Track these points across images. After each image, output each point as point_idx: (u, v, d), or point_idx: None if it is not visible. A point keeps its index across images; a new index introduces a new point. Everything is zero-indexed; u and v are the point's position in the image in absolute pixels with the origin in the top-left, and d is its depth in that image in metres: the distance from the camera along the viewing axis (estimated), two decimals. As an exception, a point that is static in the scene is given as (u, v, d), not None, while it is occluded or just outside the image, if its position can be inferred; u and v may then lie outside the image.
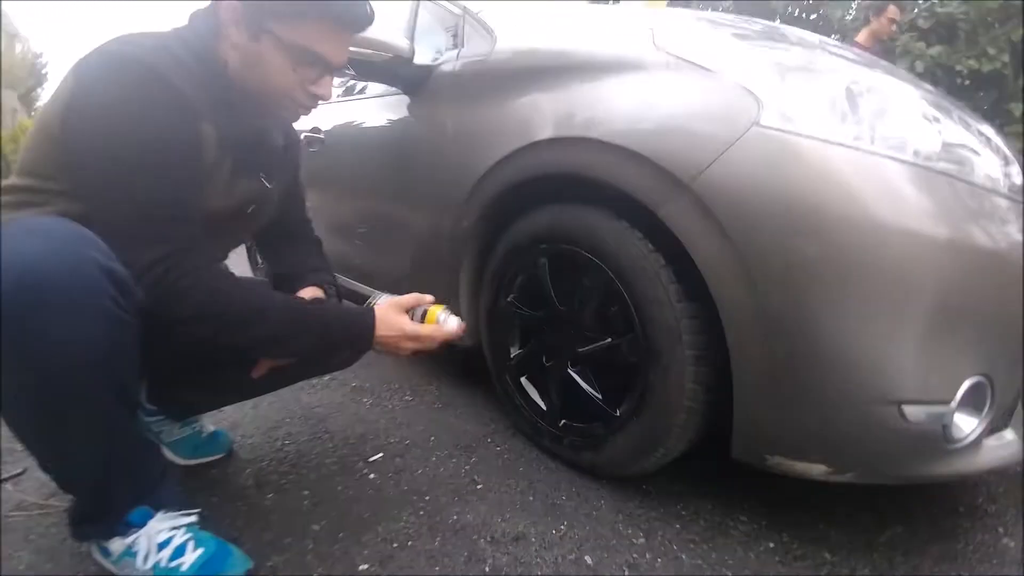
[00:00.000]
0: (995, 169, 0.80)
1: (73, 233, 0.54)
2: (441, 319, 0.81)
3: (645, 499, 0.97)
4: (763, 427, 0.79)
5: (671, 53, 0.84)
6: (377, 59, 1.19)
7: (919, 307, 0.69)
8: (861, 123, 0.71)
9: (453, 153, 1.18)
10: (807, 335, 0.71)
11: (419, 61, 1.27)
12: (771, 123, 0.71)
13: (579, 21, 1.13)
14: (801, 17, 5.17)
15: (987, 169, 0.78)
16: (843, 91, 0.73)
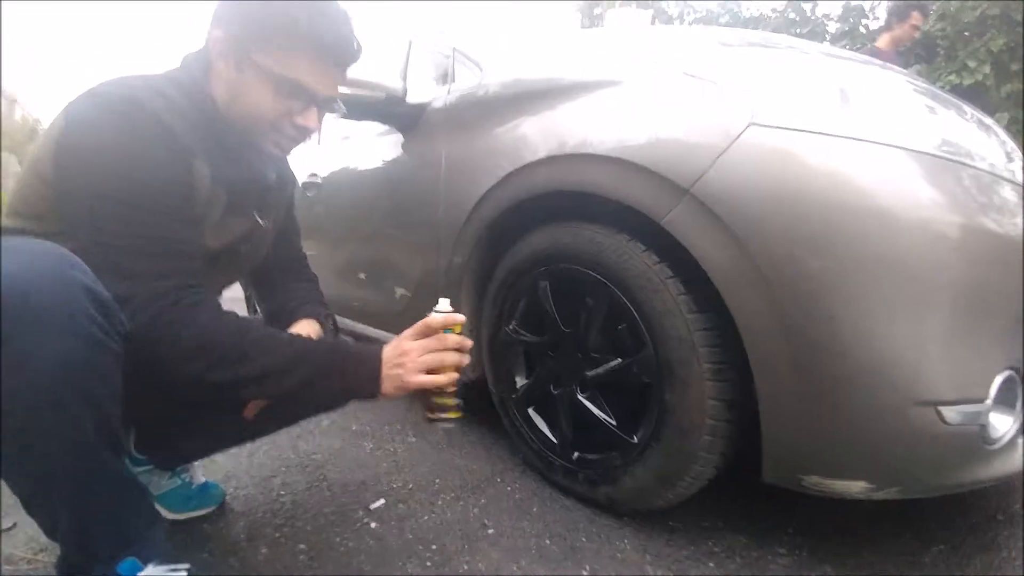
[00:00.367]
0: (1000, 157, 0.77)
1: (58, 254, 0.53)
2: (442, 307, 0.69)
3: (673, 536, 0.89)
4: (795, 445, 0.72)
5: (661, 65, 0.85)
6: (372, 99, 1.22)
7: (943, 301, 0.66)
8: (861, 115, 0.70)
9: (448, 185, 1.18)
10: (832, 339, 0.66)
11: (412, 100, 1.29)
12: (769, 121, 0.70)
13: (568, 45, 1.16)
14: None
15: (992, 157, 0.76)
16: (840, 85, 0.72)
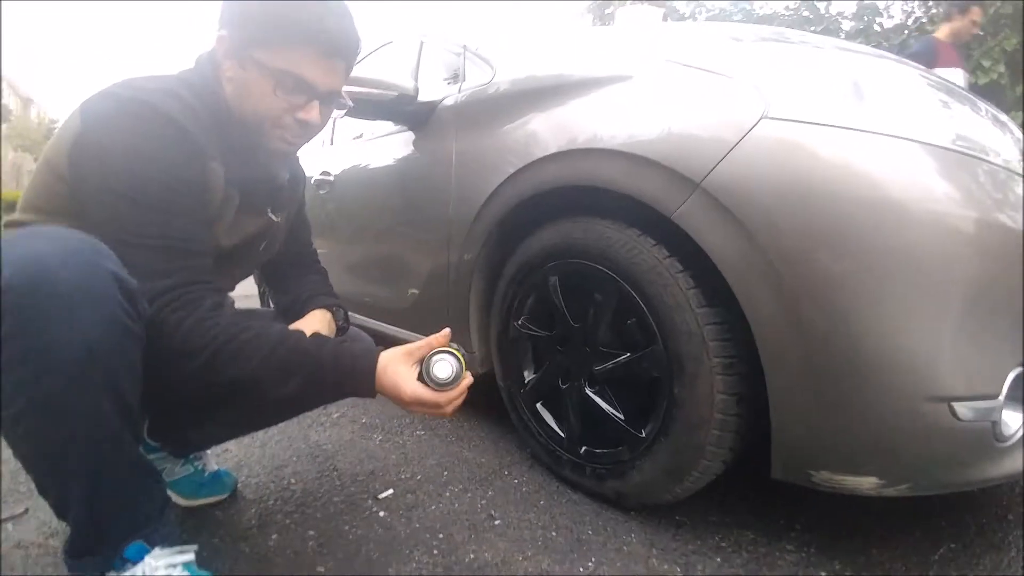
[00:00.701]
0: (1015, 153, 0.76)
1: (87, 241, 0.54)
2: (442, 374, 0.65)
3: (680, 531, 0.89)
4: (805, 440, 0.72)
5: (671, 60, 0.85)
6: (384, 98, 1.23)
7: (956, 296, 0.65)
8: (874, 108, 0.69)
9: (458, 182, 1.19)
10: (844, 333, 0.66)
11: (423, 98, 1.30)
12: (781, 114, 0.70)
13: (578, 41, 1.16)
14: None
15: (1007, 153, 0.75)
16: (852, 78, 0.72)
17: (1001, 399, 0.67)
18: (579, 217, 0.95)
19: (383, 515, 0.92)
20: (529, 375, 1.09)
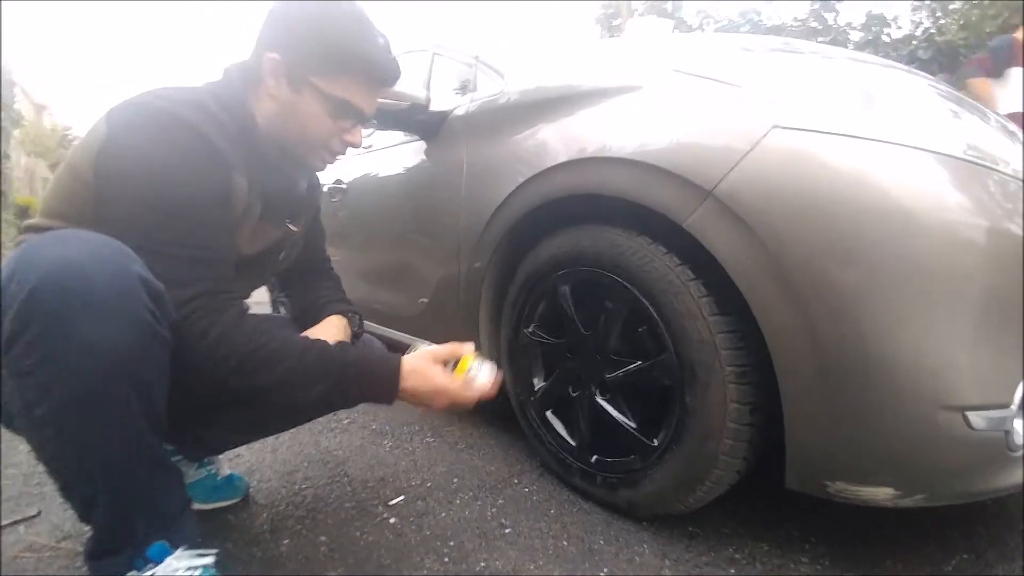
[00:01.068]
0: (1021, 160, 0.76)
1: (116, 246, 0.56)
2: (474, 369, 0.71)
3: (692, 541, 0.88)
4: (820, 450, 0.71)
5: (682, 70, 0.86)
6: (396, 108, 1.25)
7: (969, 304, 0.65)
8: (885, 117, 0.70)
9: (469, 191, 1.20)
10: (857, 342, 0.65)
11: (435, 108, 1.32)
12: (793, 123, 0.70)
13: (588, 52, 1.18)
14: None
15: (1016, 162, 0.75)
16: (863, 88, 0.72)
17: (1014, 408, 0.66)
18: (589, 225, 0.96)
19: (394, 522, 0.92)
20: (539, 383, 1.09)
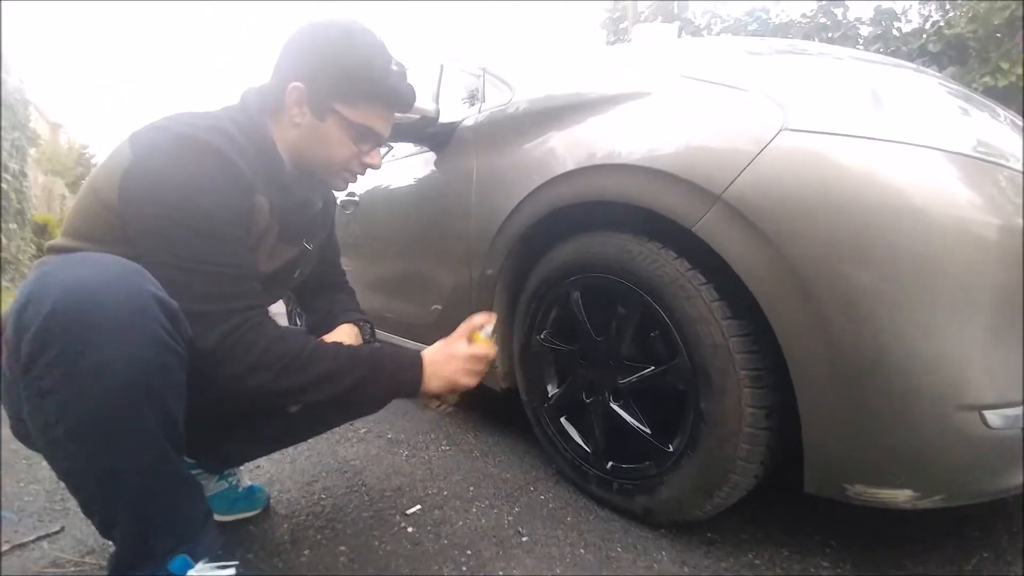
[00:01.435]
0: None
1: (129, 266, 0.58)
2: (485, 334, 0.82)
3: (711, 548, 0.87)
4: (838, 453, 0.70)
5: (689, 76, 0.86)
6: (407, 121, 1.27)
7: (982, 302, 0.64)
8: (893, 117, 0.69)
9: (479, 199, 1.21)
10: (873, 343, 0.64)
11: (444, 119, 1.34)
12: (801, 126, 0.70)
13: (596, 60, 1.18)
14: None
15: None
16: (871, 88, 0.71)
17: None
18: (600, 231, 0.96)
19: (411, 531, 0.93)
20: (552, 389, 1.09)
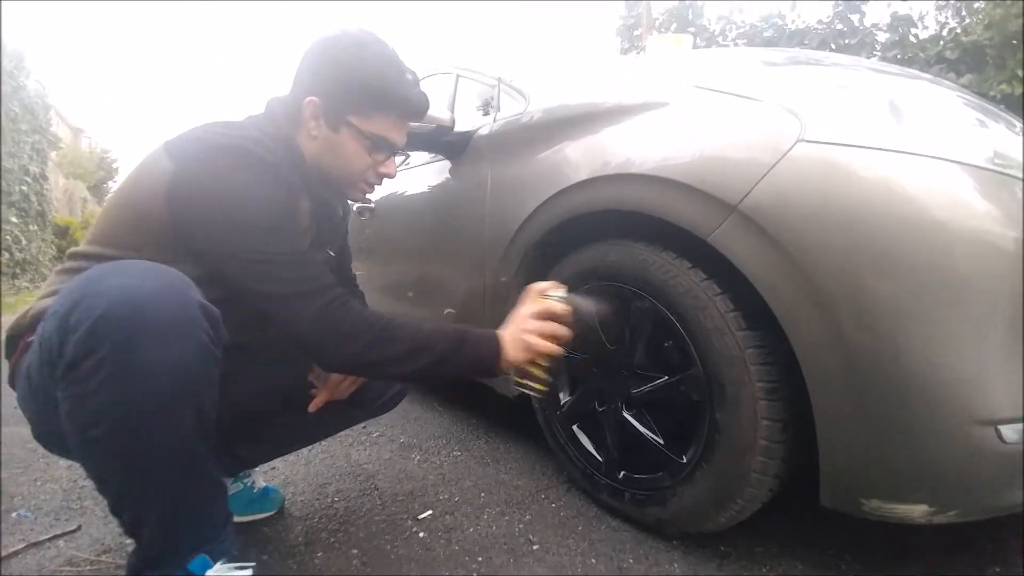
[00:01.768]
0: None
1: (176, 274, 0.60)
2: (556, 296, 0.75)
3: (724, 562, 0.86)
4: (855, 467, 0.69)
5: (704, 87, 0.86)
6: (423, 130, 1.29)
7: (999, 316, 0.63)
8: (911, 129, 0.69)
9: (493, 207, 1.22)
10: (890, 356, 0.64)
11: (459, 128, 1.36)
12: (818, 137, 0.70)
13: (611, 71, 1.19)
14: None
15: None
16: (889, 100, 0.71)
17: None
18: (614, 240, 0.96)
19: (423, 536, 0.93)
20: (565, 397, 1.10)
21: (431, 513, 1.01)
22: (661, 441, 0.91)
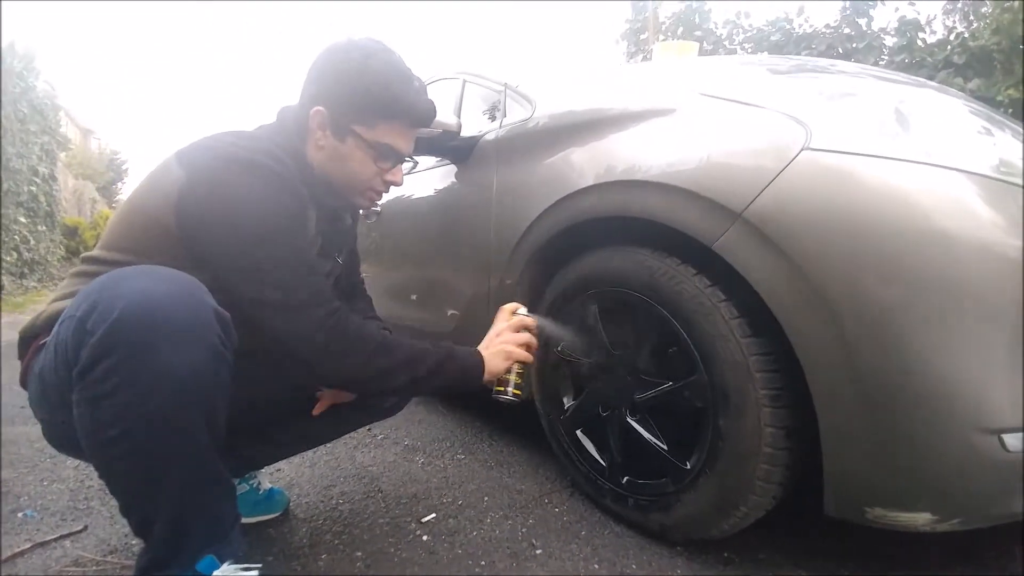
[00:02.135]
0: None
1: (189, 279, 0.61)
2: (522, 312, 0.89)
3: (728, 569, 0.86)
4: (859, 476, 0.69)
5: (710, 94, 0.87)
6: (430, 135, 1.30)
7: (1004, 325, 0.63)
8: (916, 137, 0.69)
9: (499, 211, 1.23)
10: (894, 364, 0.64)
11: (466, 133, 1.37)
12: (823, 145, 0.70)
13: (617, 78, 1.20)
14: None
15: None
16: (894, 109, 0.71)
17: None
18: (619, 246, 0.97)
19: (426, 539, 0.94)
20: (568, 401, 1.10)
21: (435, 516, 1.01)
22: (665, 447, 0.91)
